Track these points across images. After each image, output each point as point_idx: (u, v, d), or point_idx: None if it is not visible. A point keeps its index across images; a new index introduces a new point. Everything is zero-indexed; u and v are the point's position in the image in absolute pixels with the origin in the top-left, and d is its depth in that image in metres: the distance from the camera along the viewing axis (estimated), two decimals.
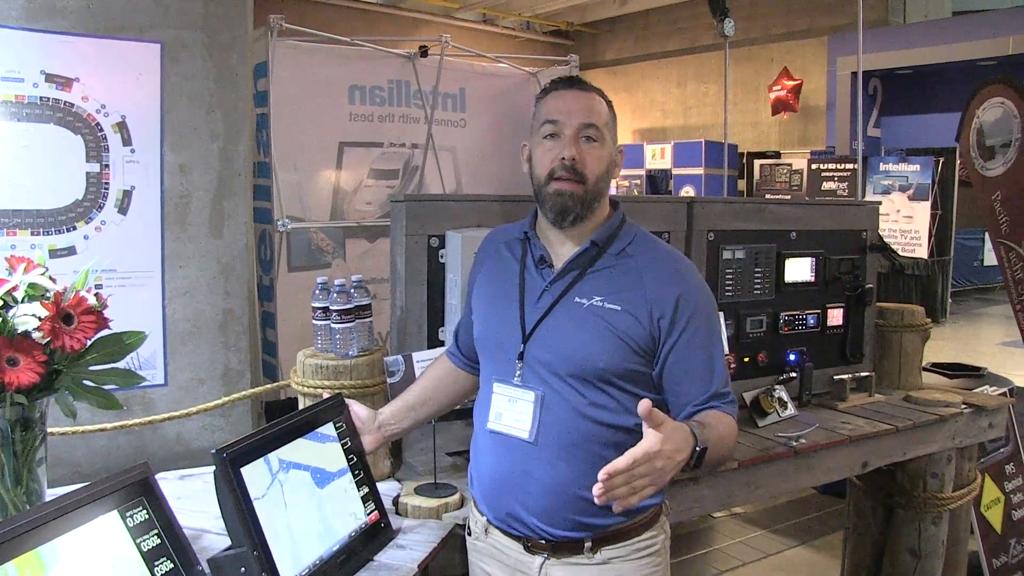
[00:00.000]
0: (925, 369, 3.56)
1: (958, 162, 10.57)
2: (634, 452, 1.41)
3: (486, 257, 1.93)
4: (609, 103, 1.79)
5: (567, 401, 1.68)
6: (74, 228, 2.53)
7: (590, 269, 1.74)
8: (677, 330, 1.68)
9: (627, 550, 1.73)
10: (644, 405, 1.42)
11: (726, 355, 1.95)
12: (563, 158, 1.70)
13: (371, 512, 1.81)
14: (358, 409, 1.95)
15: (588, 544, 1.70)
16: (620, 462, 1.40)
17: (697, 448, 1.51)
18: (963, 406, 2.94)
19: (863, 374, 3.06)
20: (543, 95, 1.79)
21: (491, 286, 1.87)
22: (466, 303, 2.01)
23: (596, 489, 1.40)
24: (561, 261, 1.77)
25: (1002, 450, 3.70)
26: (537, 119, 1.78)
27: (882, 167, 11.81)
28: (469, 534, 1.89)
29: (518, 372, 1.74)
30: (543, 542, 1.72)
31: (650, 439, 1.43)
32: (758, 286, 2.93)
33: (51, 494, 1.65)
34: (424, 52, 4.85)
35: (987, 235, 4.47)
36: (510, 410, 1.74)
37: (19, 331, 1.54)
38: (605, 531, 1.71)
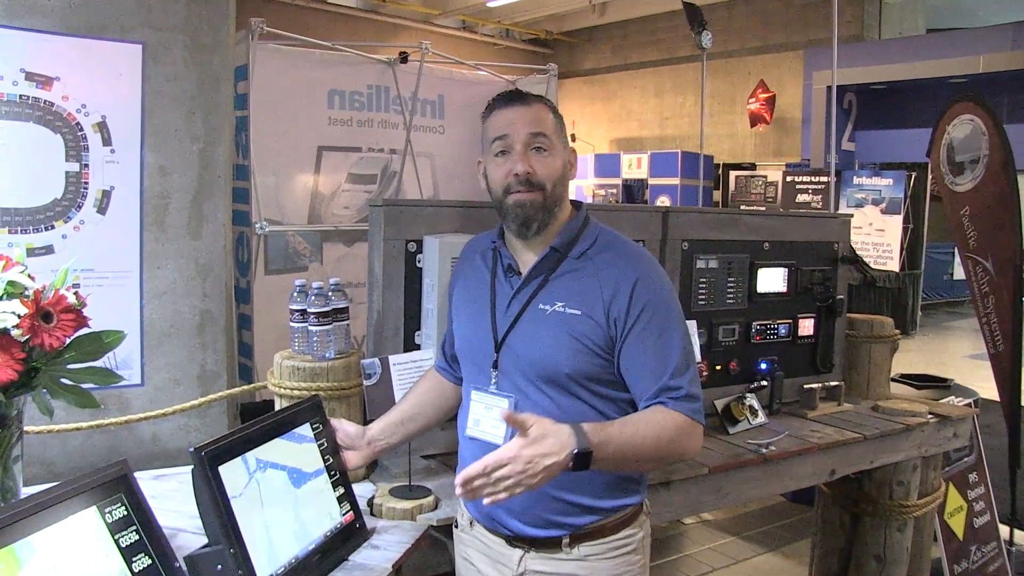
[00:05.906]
0: (893, 380, 3.62)
1: (929, 177, 10.71)
2: (486, 459, 1.46)
3: (463, 268, 1.98)
4: (553, 109, 1.80)
5: (539, 406, 1.70)
6: (52, 227, 2.52)
7: (553, 275, 1.77)
8: (631, 322, 1.68)
9: (604, 547, 1.76)
10: (503, 413, 1.54)
11: (698, 363, 1.98)
12: (516, 173, 1.72)
13: (346, 512, 1.83)
14: (347, 426, 1.96)
15: (566, 541, 1.75)
16: (472, 468, 1.45)
17: (575, 451, 1.49)
18: (929, 416, 2.99)
19: (833, 383, 3.11)
20: (488, 113, 1.80)
21: (467, 296, 1.92)
22: (447, 314, 2.05)
23: (457, 490, 1.47)
24: (527, 268, 1.81)
25: (966, 459, 3.77)
26: (486, 137, 1.79)
27: (856, 180, 11.95)
28: (456, 526, 1.96)
29: (494, 380, 1.79)
30: (523, 538, 1.78)
31: (509, 445, 1.47)
32: (731, 295, 2.97)
33: (25, 492, 1.65)
34: (404, 58, 4.87)
35: (956, 249, 4.54)
36: (486, 417, 1.78)
37: None
38: (582, 529, 1.75)
